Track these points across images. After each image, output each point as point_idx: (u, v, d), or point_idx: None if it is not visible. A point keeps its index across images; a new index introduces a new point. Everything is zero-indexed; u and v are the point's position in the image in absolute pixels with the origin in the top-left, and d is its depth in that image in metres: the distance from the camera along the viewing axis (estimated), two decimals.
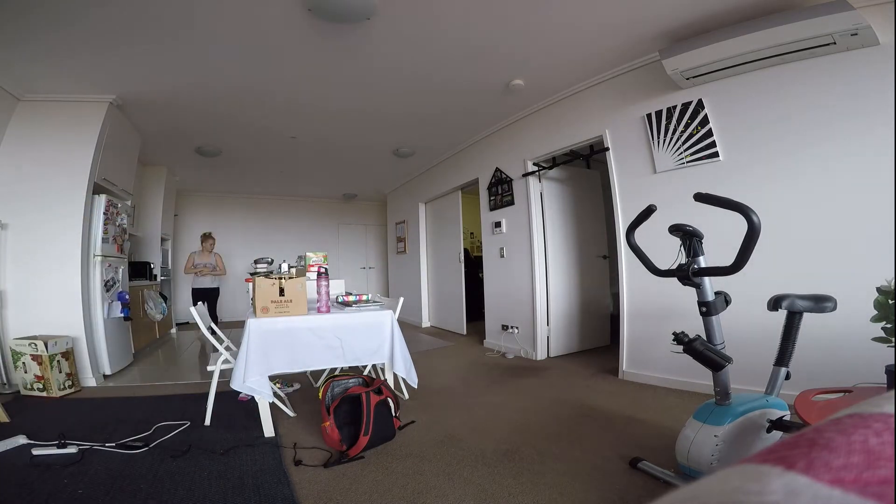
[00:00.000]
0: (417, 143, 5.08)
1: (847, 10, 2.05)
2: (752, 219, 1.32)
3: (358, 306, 2.59)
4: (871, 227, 2.15)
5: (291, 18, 2.48)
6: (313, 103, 3.78)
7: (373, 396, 2.06)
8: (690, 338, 1.56)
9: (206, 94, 3.49)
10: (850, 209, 2.23)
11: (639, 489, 1.59)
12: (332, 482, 1.71)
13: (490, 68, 3.21)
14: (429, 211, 6.35)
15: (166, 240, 6.00)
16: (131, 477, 1.74)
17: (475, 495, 1.59)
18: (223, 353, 2.39)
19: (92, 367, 3.28)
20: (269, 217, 8.01)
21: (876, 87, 2.15)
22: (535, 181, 4.05)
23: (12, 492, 1.63)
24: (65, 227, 3.24)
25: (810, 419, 1.26)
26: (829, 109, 2.30)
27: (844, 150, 2.26)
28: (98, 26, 2.51)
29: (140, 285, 4.54)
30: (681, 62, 2.60)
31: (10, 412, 2.46)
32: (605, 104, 3.36)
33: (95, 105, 3.41)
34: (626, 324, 3.20)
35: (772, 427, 1.52)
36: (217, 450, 1.99)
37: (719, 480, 0.19)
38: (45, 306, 3.19)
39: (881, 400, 0.24)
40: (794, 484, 0.17)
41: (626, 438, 2.05)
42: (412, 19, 2.54)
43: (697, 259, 1.57)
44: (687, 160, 2.83)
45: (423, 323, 6.31)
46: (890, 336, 1.35)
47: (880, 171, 2.12)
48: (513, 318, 4.25)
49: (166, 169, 5.60)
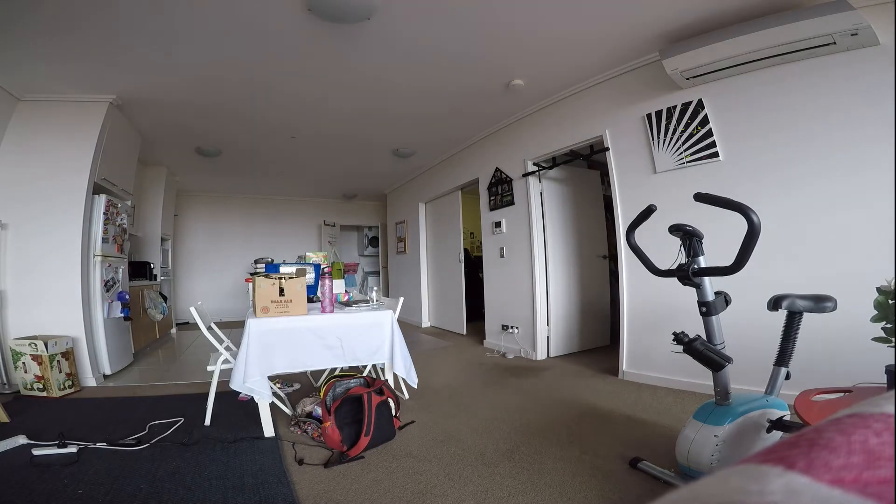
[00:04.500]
0: (417, 143, 5.08)
1: (847, 10, 2.05)
2: (752, 218, 1.32)
3: (357, 306, 2.59)
4: (872, 227, 2.15)
5: (291, 18, 2.48)
6: (313, 103, 3.78)
7: (374, 397, 2.06)
8: (690, 338, 1.56)
9: (206, 94, 3.49)
10: (850, 209, 2.23)
11: (639, 489, 1.60)
12: (332, 482, 1.71)
13: (490, 68, 3.21)
14: (429, 211, 6.35)
15: (166, 240, 5.99)
16: (131, 477, 1.74)
17: (475, 495, 1.59)
18: (223, 353, 2.39)
19: (92, 367, 3.28)
20: (269, 217, 8.01)
21: (876, 87, 2.15)
22: (535, 181, 4.05)
23: (12, 492, 1.62)
24: (65, 227, 3.24)
25: (810, 419, 1.26)
26: (830, 109, 2.30)
27: (844, 150, 2.25)
28: (98, 27, 2.51)
29: (140, 285, 4.54)
30: (681, 62, 2.60)
31: (10, 412, 2.46)
32: (605, 104, 3.36)
33: (95, 105, 3.41)
34: (626, 324, 3.20)
35: (772, 427, 1.52)
36: (217, 449, 1.99)
37: (719, 480, 0.19)
38: (45, 306, 3.19)
39: (881, 400, 0.24)
40: (795, 484, 0.17)
41: (626, 438, 2.05)
42: (412, 19, 2.54)
43: (697, 259, 1.57)
44: (687, 160, 2.83)
45: (423, 323, 6.31)
46: (890, 336, 1.34)
47: (880, 171, 2.12)
48: (513, 318, 4.25)
49: (166, 169, 5.60)
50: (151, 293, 4.71)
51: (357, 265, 4.26)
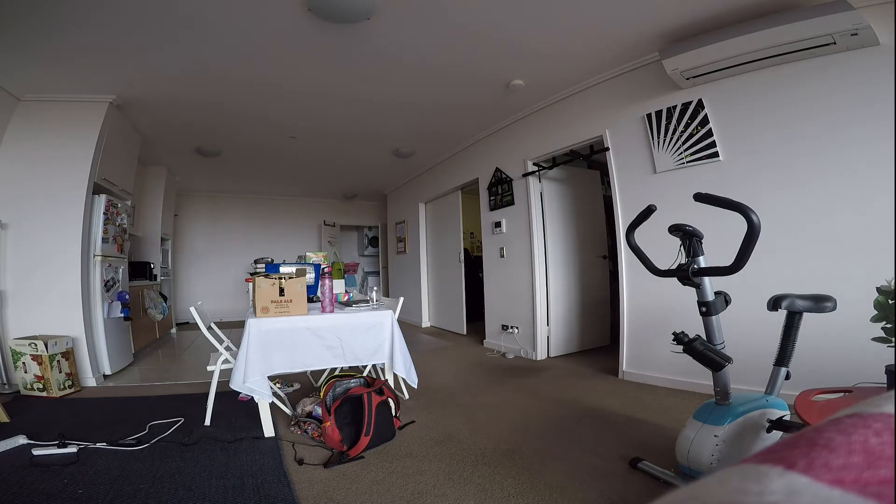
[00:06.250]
0: (417, 143, 5.08)
1: (847, 10, 2.05)
2: (752, 218, 1.32)
3: (357, 306, 2.59)
4: (872, 227, 2.15)
5: (291, 18, 2.48)
6: (313, 104, 3.78)
7: (374, 397, 2.06)
8: (690, 338, 1.56)
9: (206, 94, 3.49)
10: (850, 209, 2.23)
11: (639, 489, 1.59)
12: (332, 482, 1.71)
13: (490, 68, 3.20)
14: (429, 211, 6.35)
15: (166, 240, 6.00)
16: (131, 477, 1.74)
17: (475, 495, 1.59)
18: (223, 353, 2.39)
19: (92, 367, 3.28)
20: (269, 217, 8.01)
21: (876, 87, 2.15)
22: (535, 181, 4.05)
23: (12, 492, 1.62)
24: (65, 227, 3.24)
25: (810, 419, 1.26)
26: (829, 109, 2.30)
27: (844, 150, 2.25)
28: (98, 27, 2.51)
29: (140, 285, 4.54)
30: (681, 62, 2.60)
31: (10, 412, 2.46)
32: (605, 104, 3.36)
33: (95, 105, 3.41)
34: (626, 324, 3.20)
35: (772, 427, 1.52)
36: (217, 449, 1.99)
37: (719, 480, 0.19)
38: (45, 306, 3.19)
39: (881, 400, 0.24)
40: (795, 484, 0.17)
41: (626, 438, 2.05)
42: (412, 19, 2.54)
43: (697, 259, 1.57)
44: (687, 160, 2.83)
45: (423, 323, 6.31)
46: (890, 336, 1.35)
47: (880, 171, 2.12)
48: (513, 318, 4.25)
49: (166, 169, 5.60)
50: (151, 293, 4.71)
51: (357, 265, 4.26)
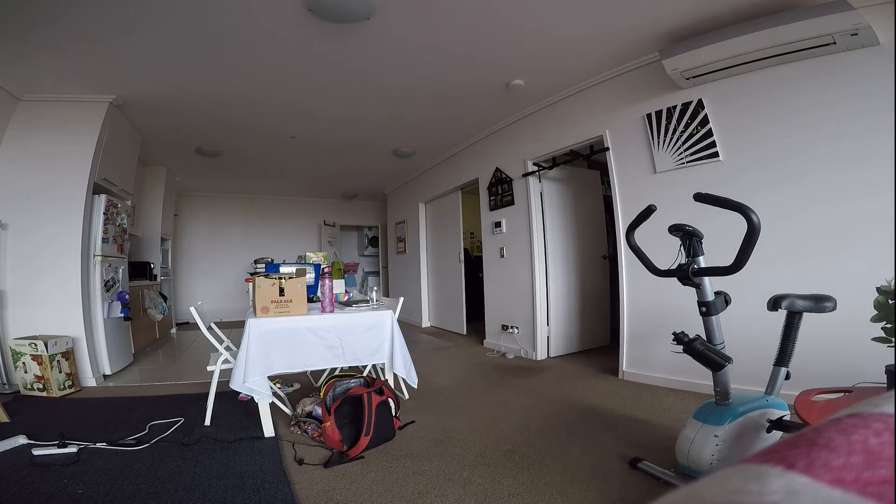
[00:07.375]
0: (417, 143, 5.08)
1: (847, 10, 2.05)
2: (752, 218, 1.32)
3: (357, 306, 2.59)
4: (872, 227, 2.15)
5: (291, 18, 2.48)
6: (313, 103, 3.78)
7: (374, 397, 2.06)
8: (690, 338, 1.56)
9: (206, 94, 3.49)
10: (850, 209, 2.23)
11: (639, 489, 1.60)
12: (332, 482, 1.71)
13: (490, 68, 3.20)
14: (429, 211, 6.35)
15: (166, 240, 6.00)
16: (131, 477, 1.74)
17: (475, 495, 1.59)
18: (223, 353, 2.39)
19: (92, 367, 3.28)
20: (269, 217, 8.01)
21: (876, 87, 2.15)
22: (535, 181, 4.05)
23: (12, 492, 1.62)
24: (65, 226, 3.24)
25: (810, 419, 1.26)
26: (829, 109, 2.30)
27: (845, 150, 2.25)
28: (98, 27, 2.51)
29: (140, 285, 4.54)
30: (681, 62, 2.60)
31: (10, 412, 2.46)
32: (605, 104, 3.36)
33: (95, 105, 3.41)
34: (626, 324, 3.20)
35: (772, 427, 1.52)
36: (217, 449, 1.99)
37: (719, 480, 0.19)
38: (45, 306, 3.18)
39: (881, 400, 0.24)
40: (795, 484, 0.17)
41: (626, 438, 2.05)
42: (412, 19, 2.54)
43: (697, 259, 1.57)
44: (687, 160, 2.83)
45: (423, 323, 6.31)
46: (890, 336, 1.35)
47: (880, 171, 2.12)
48: (513, 318, 4.25)
49: (166, 169, 5.60)
50: (151, 293, 4.71)
51: (357, 265, 4.26)
